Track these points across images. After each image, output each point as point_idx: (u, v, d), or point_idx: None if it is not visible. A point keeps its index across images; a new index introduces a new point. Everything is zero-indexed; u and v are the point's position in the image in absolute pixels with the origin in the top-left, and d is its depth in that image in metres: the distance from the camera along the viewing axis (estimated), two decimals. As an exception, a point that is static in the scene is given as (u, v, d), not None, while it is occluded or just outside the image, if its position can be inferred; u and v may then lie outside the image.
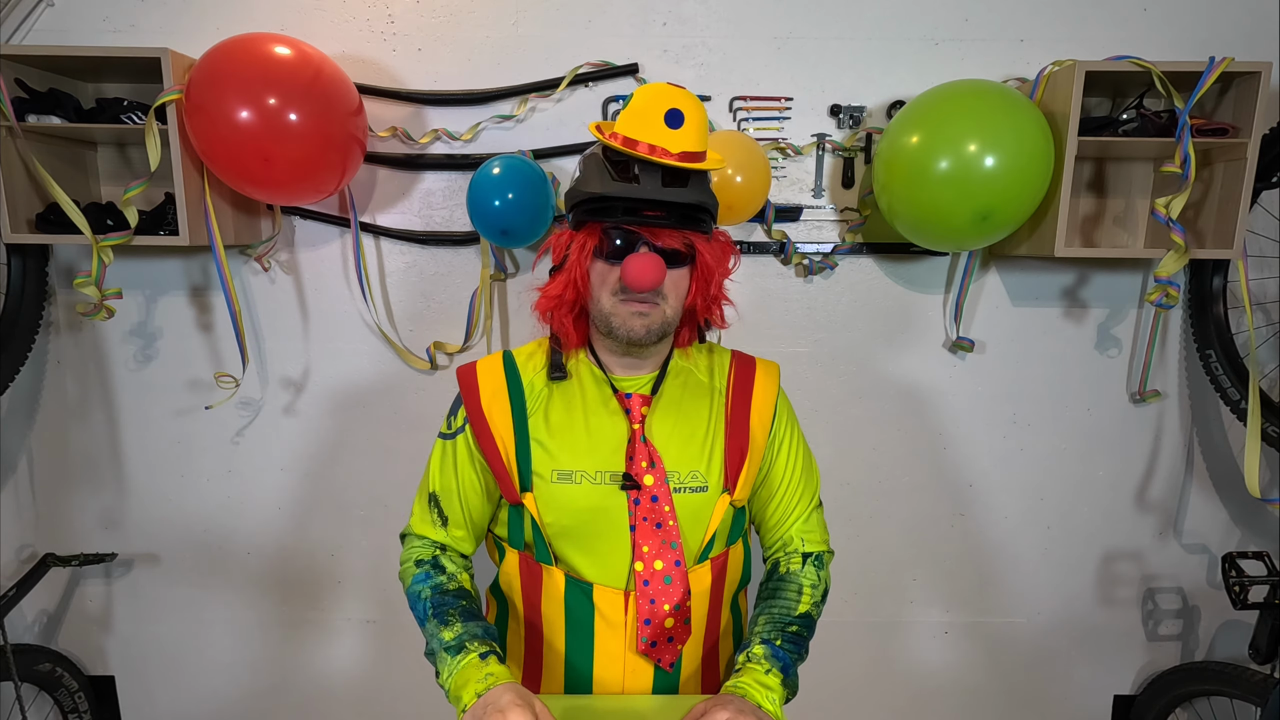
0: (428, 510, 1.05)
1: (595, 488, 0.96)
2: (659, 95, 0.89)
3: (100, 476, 1.73)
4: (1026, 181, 1.36)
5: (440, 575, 1.00)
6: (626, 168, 0.91)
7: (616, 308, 0.94)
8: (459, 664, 0.89)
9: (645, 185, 0.89)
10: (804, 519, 1.06)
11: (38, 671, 1.69)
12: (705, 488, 0.99)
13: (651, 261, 0.88)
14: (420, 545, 1.04)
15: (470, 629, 0.93)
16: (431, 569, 1.00)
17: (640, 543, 0.96)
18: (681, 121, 0.88)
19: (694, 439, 1.00)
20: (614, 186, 0.90)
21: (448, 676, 0.90)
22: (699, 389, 1.03)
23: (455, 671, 0.89)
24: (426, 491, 1.05)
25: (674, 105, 0.88)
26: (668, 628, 0.98)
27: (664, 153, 0.88)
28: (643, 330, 0.94)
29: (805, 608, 1.00)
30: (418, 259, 1.66)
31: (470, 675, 0.87)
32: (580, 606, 0.99)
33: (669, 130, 0.88)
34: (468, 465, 1.02)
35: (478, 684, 0.85)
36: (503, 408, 0.99)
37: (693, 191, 0.90)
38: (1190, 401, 1.72)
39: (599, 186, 0.90)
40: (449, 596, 0.97)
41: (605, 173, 0.91)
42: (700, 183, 0.93)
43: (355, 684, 1.83)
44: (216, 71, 1.32)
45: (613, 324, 0.94)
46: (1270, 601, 1.57)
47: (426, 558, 1.02)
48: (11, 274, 1.54)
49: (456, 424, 1.02)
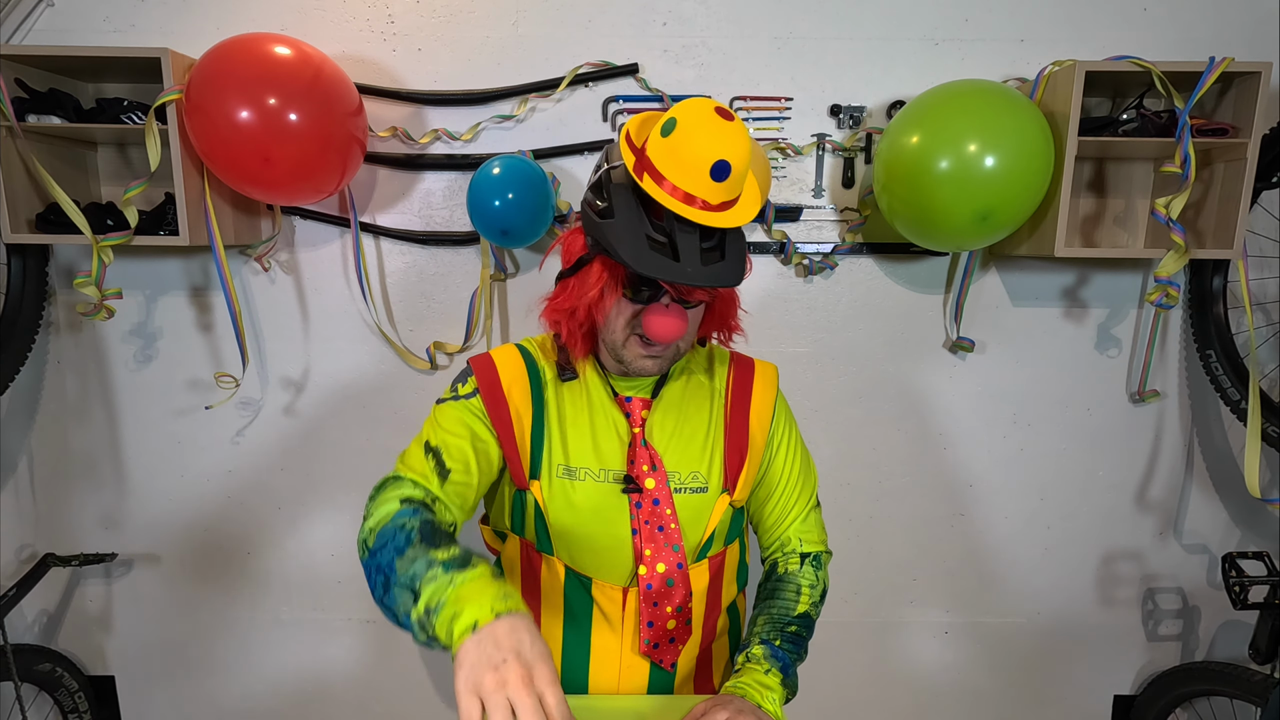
0: (425, 459, 0.90)
1: (598, 486, 0.96)
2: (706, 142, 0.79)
3: (100, 476, 1.73)
4: (1026, 181, 1.36)
5: (429, 514, 0.82)
6: (661, 215, 0.83)
7: (630, 345, 0.92)
8: (466, 576, 0.68)
9: (685, 259, 0.82)
10: (802, 519, 1.06)
11: (38, 671, 1.69)
12: (705, 488, 0.99)
13: (675, 318, 0.86)
14: (410, 488, 0.86)
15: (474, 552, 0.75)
16: (422, 508, 0.83)
17: (642, 547, 0.96)
18: (728, 173, 0.80)
19: (694, 440, 0.99)
20: (651, 261, 0.81)
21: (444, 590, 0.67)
22: (699, 389, 1.03)
23: (460, 583, 0.68)
24: (424, 443, 0.92)
25: (722, 156, 0.79)
26: (670, 629, 0.98)
27: (703, 204, 0.82)
28: (654, 369, 0.94)
29: (804, 608, 1.00)
30: (418, 259, 1.66)
31: (484, 589, 0.67)
32: (579, 600, 0.99)
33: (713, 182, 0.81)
34: (477, 425, 0.94)
35: (495, 600, 0.65)
36: (524, 390, 0.97)
37: (730, 268, 0.84)
38: (1190, 401, 1.72)
39: (632, 250, 0.81)
40: (443, 532, 0.78)
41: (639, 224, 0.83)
42: (737, 245, 0.86)
43: (355, 684, 1.83)
44: (216, 71, 1.32)
45: (624, 356, 0.93)
46: (1270, 601, 1.57)
47: (417, 497, 0.85)
48: (11, 274, 1.54)
49: (465, 390, 0.96)
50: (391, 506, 0.83)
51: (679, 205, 0.81)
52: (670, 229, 0.82)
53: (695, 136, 0.80)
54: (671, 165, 0.81)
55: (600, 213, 0.86)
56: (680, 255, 0.82)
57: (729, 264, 0.85)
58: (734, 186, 0.83)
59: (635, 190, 0.84)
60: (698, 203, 0.82)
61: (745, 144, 0.81)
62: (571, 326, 0.93)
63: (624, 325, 0.91)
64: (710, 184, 0.81)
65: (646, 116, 0.90)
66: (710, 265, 0.83)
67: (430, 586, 0.68)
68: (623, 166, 0.86)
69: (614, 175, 0.86)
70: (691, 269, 0.82)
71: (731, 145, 0.80)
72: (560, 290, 0.94)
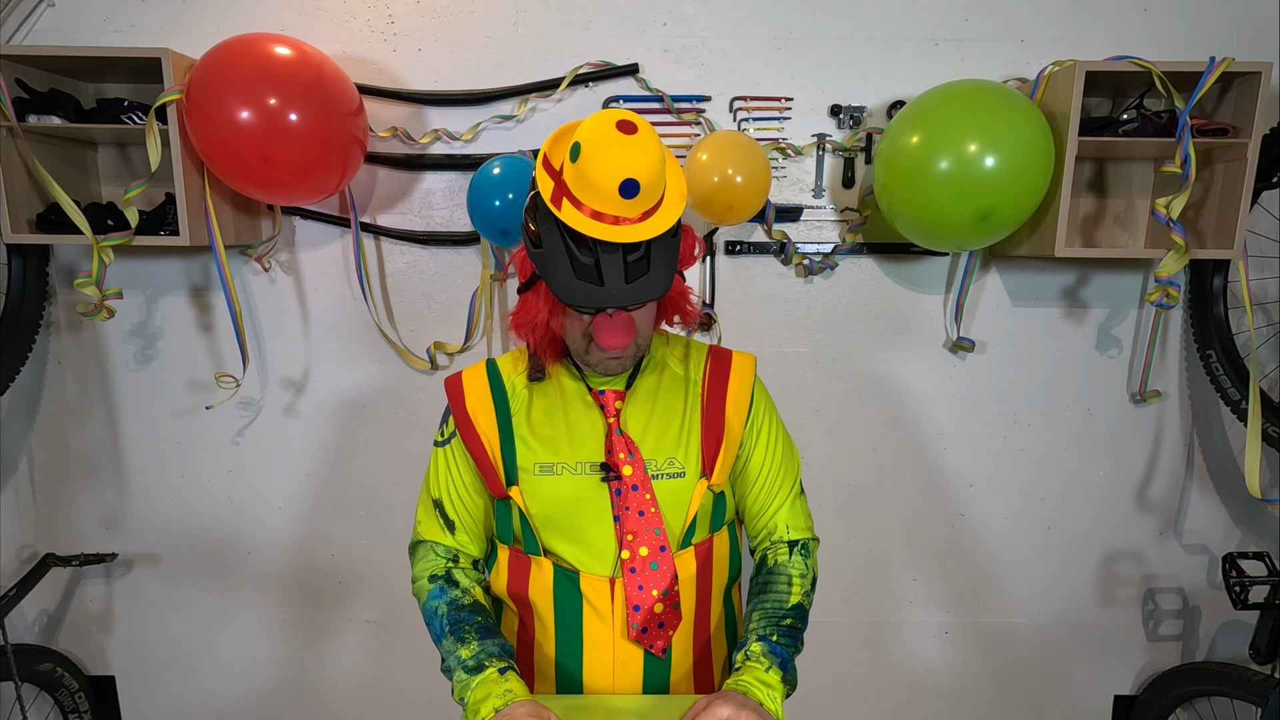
0: (434, 517, 1.06)
1: (576, 478, 0.99)
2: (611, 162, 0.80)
3: (100, 476, 1.73)
4: (1027, 181, 1.36)
5: (454, 590, 1.01)
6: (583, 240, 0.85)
7: (592, 351, 0.96)
8: (478, 680, 0.91)
9: (610, 282, 0.85)
10: (788, 505, 1.07)
11: (38, 671, 1.69)
12: (683, 474, 1.00)
13: (622, 325, 0.89)
14: (432, 559, 1.05)
15: (487, 647, 0.95)
16: (445, 584, 1.02)
17: (625, 531, 0.98)
18: (637, 190, 0.81)
19: (670, 427, 1.02)
20: (578, 291, 0.86)
21: (466, 691, 0.91)
22: (674, 380, 1.05)
23: (474, 687, 0.90)
24: (429, 499, 1.07)
25: (628, 175, 0.80)
26: (657, 613, 0.99)
27: (624, 220, 0.83)
28: (619, 368, 0.98)
29: (797, 599, 1.01)
30: (418, 259, 1.66)
31: (490, 690, 0.89)
32: (569, 597, 1.01)
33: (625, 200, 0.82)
34: (463, 468, 1.04)
35: (496, 699, 0.87)
36: (487, 408, 1.02)
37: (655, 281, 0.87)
38: (1190, 401, 1.72)
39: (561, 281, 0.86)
40: (464, 612, 0.99)
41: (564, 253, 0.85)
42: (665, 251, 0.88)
43: (356, 683, 1.83)
44: (217, 72, 1.32)
45: (589, 361, 0.98)
46: (1270, 602, 1.57)
47: (440, 572, 1.03)
48: (12, 274, 1.54)
49: (448, 431, 1.05)
50: (423, 585, 1.03)
51: (597, 228, 0.83)
52: (595, 252, 0.85)
53: (600, 158, 0.81)
54: (583, 189, 0.83)
55: (533, 240, 0.89)
56: (605, 278, 0.85)
57: (653, 277, 0.87)
58: (649, 197, 0.84)
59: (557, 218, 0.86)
60: (619, 220, 0.83)
61: (651, 154, 0.82)
62: (536, 338, 0.98)
63: (581, 334, 0.95)
64: (623, 201, 0.82)
65: (560, 133, 0.91)
66: (636, 280, 0.86)
67: (457, 685, 0.93)
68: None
69: (539, 201, 0.88)
70: (616, 291, 0.85)
71: (636, 160, 0.81)
72: (520, 305, 0.97)
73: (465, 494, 1.04)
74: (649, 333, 0.98)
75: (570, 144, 0.84)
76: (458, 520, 1.05)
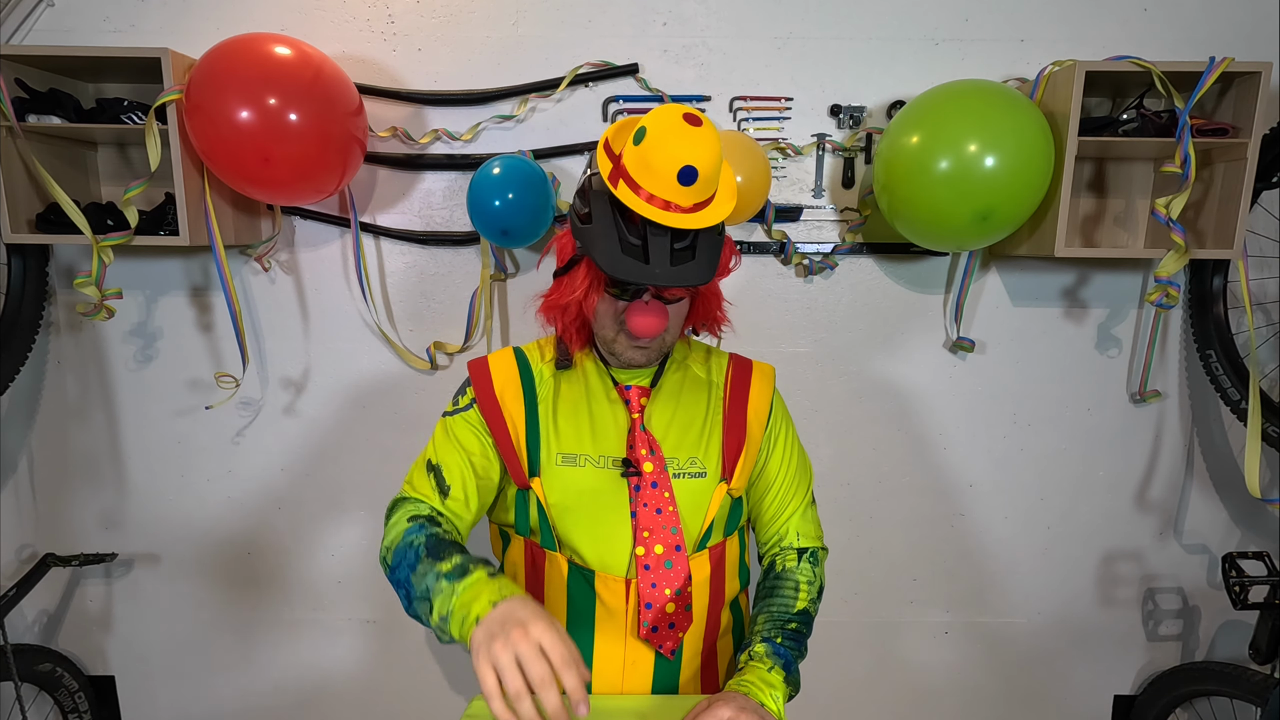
0: (427, 478, 1.00)
1: (597, 471, 0.99)
2: (674, 149, 0.83)
3: (100, 476, 1.73)
4: (1026, 181, 1.36)
5: (436, 528, 0.92)
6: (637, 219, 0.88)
7: (619, 338, 0.97)
8: (465, 584, 0.79)
9: (655, 261, 0.86)
10: (799, 514, 1.08)
11: (38, 671, 1.69)
12: (704, 474, 1.01)
13: (655, 314, 0.91)
14: (414, 508, 0.97)
15: (471, 557, 0.85)
16: (427, 522, 0.93)
17: (641, 528, 0.98)
18: (695, 178, 0.84)
19: (692, 427, 1.02)
20: (623, 265, 0.87)
21: (450, 600, 0.78)
22: (696, 383, 1.06)
23: (461, 590, 0.78)
24: (425, 461, 1.02)
25: (688, 162, 0.83)
26: (669, 613, 0.99)
27: (676, 207, 0.85)
28: (643, 360, 0.99)
29: (803, 604, 1.01)
30: (418, 259, 1.66)
31: (481, 590, 0.78)
32: (582, 594, 1.01)
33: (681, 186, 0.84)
34: (473, 440, 1.00)
35: (492, 595, 0.76)
36: (515, 393, 1.01)
37: (699, 268, 0.88)
38: (1190, 401, 1.72)
39: (607, 254, 0.87)
40: (445, 542, 0.88)
41: (613, 229, 0.87)
42: (710, 245, 0.90)
43: (355, 684, 1.83)
44: (216, 71, 1.32)
45: (615, 349, 0.98)
46: (1270, 601, 1.57)
47: (423, 513, 0.95)
48: (11, 274, 1.54)
49: (464, 402, 1.03)
50: (402, 526, 0.93)
51: (650, 210, 0.85)
52: (644, 232, 0.87)
53: (663, 143, 0.83)
54: (643, 172, 0.85)
55: (582, 218, 0.91)
56: (651, 258, 0.87)
57: (698, 264, 0.89)
58: (704, 189, 0.86)
59: (612, 196, 0.88)
60: (670, 206, 0.86)
61: (713, 148, 0.85)
62: (565, 321, 0.99)
63: (611, 321, 0.96)
64: (679, 188, 0.84)
65: (625, 123, 0.94)
66: (680, 265, 0.88)
67: (439, 599, 0.80)
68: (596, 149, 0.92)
69: (594, 182, 0.91)
70: (660, 270, 0.87)
71: (699, 150, 0.84)
72: (554, 288, 0.98)
73: (466, 465, 0.99)
74: (676, 331, 0.99)
75: (635, 130, 0.87)
76: (453, 487, 0.98)
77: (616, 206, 0.88)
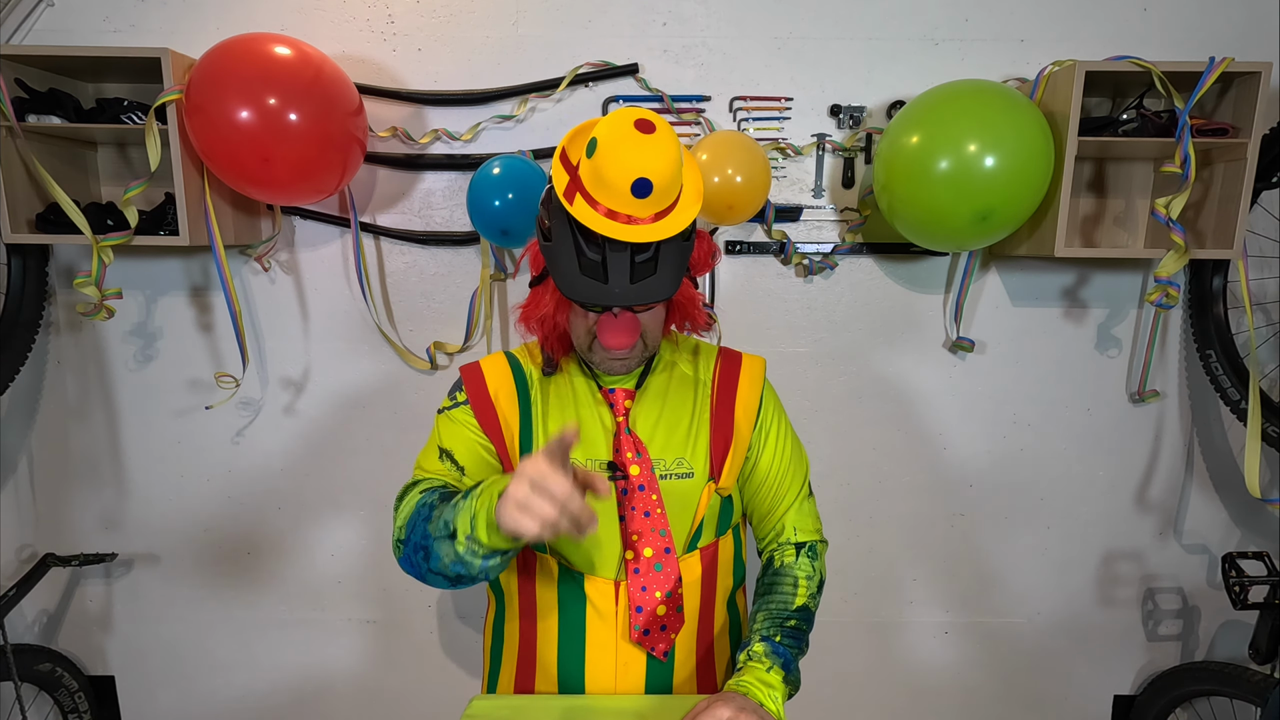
0: (440, 462, 0.98)
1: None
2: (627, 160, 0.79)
3: (100, 476, 1.73)
4: (1026, 181, 1.36)
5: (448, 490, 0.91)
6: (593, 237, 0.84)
7: (596, 349, 0.95)
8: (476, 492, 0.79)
9: (614, 281, 0.84)
10: (795, 508, 1.06)
11: (38, 671, 1.69)
12: (691, 474, 1.00)
13: (626, 325, 0.88)
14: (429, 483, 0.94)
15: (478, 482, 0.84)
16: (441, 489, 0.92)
17: (630, 531, 0.98)
18: (650, 190, 0.80)
19: (679, 428, 1.01)
20: (580, 286, 0.85)
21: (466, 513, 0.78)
22: (683, 381, 1.05)
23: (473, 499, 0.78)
24: (435, 448, 1.00)
25: (641, 174, 0.79)
26: (660, 615, 0.99)
27: (635, 220, 0.82)
28: (623, 369, 0.97)
29: (802, 600, 1.00)
30: (418, 259, 1.66)
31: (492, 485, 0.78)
32: (572, 597, 1.00)
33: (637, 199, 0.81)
34: (475, 432, 1.00)
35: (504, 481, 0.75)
36: (509, 393, 1.01)
37: (661, 282, 0.86)
38: (1190, 401, 1.72)
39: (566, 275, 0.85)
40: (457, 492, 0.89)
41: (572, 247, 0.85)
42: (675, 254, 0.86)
43: (355, 684, 1.83)
44: (217, 71, 1.32)
45: (592, 359, 0.97)
46: (1270, 601, 1.57)
47: (436, 485, 0.93)
48: (11, 274, 1.54)
49: (460, 398, 1.01)
50: (413, 499, 0.91)
51: (607, 225, 0.82)
52: (603, 249, 0.84)
53: (615, 155, 0.79)
54: (597, 186, 0.82)
55: (544, 234, 0.89)
56: (610, 276, 0.84)
57: (659, 279, 0.86)
58: (662, 198, 0.83)
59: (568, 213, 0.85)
60: (630, 219, 0.82)
61: (668, 155, 0.81)
62: (544, 332, 0.97)
63: (585, 332, 0.94)
64: (635, 201, 0.81)
65: (580, 129, 0.90)
66: (641, 281, 0.85)
67: (460, 518, 0.79)
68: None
69: (554, 194, 0.87)
70: (620, 290, 0.84)
71: (652, 160, 0.79)
72: (530, 298, 0.97)
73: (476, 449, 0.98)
74: (657, 334, 0.97)
75: (588, 141, 0.83)
76: (467, 466, 0.97)
77: (573, 223, 0.85)
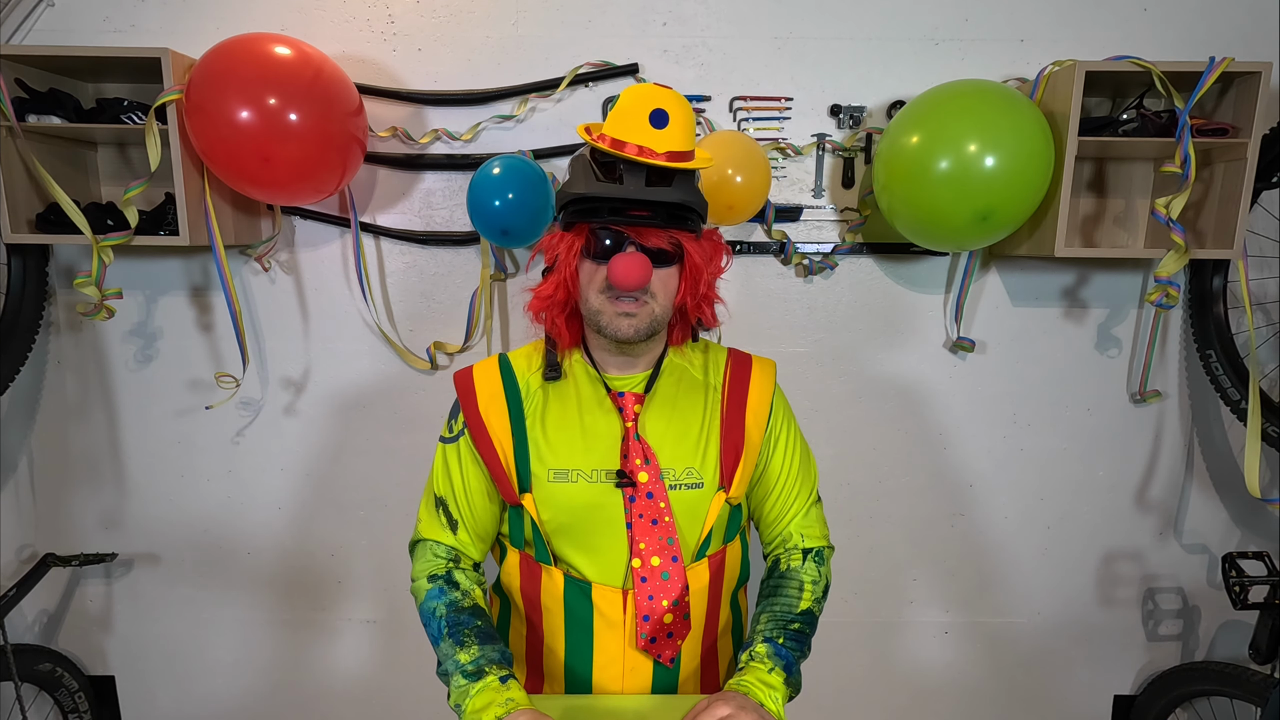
0: (435, 515, 1.03)
1: (591, 486, 0.97)
2: (644, 96, 0.90)
3: (100, 476, 1.73)
4: (1026, 181, 1.36)
5: (454, 592, 0.98)
6: (612, 169, 0.91)
7: (604, 306, 0.94)
8: (477, 687, 0.89)
9: (629, 185, 0.89)
10: (803, 514, 1.06)
11: (38, 671, 1.69)
12: (701, 484, 0.99)
13: (637, 261, 0.89)
14: (431, 559, 1.02)
15: (487, 653, 0.92)
16: (445, 585, 0.99)
17: (637, 540, 0.97)
18: (666, 121, 0.88)
19: (688, 436, 1.00)
20: (598, 187, 0.90)
21: (465, 698, 0.89)
22: (693, 386, 1.03)
23: (474, 694, 0.88)
24: (432, 495, 1.04)
25: (659, 105, 0.88)
26: (667, 623, 0.98)
27: (650, 153, 0.89)
28: (630, 330, 0.94)
29: (807, 604, 1.00)
30: (418, 259, 1.66)
31: (491, 698, 0.87)
32: (580, 605, 1.00)
33: (655, 131, 0.89)
34: (471, 467, 1.01)
35: (498, 708, 0.85)
36: (500, 410, 0.99)
37: (677, 191, 0.90)
38: (1190, 401, 1.72)
39: (584, 187, 0.91)
40: (464, 615, 0.96)
41: (591, 174, 0.92)
42: (686, 183, 0.93)
43: (356, 684, 1.83)
44: (216, 71, 1.32)
45: (600, 322, 0.95)
46: (1270, 601, 1.57)
47: (440, 572, 1.00)
48: (11, 274, 1.54)
49: (457, 428, 1.02)
50: (421, 584, 1.01)
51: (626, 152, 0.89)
52: (619, 172, 0.91)
53: (635, 93, 0.91)
54: (618, 123, 0.91)
55: (564, 184, 0.96)
56: (625, 181, 0.90)
57: (674, 189, 0.90)
58: (677, 137, 0.90)
59: (593, 154, 0.94)
60: (645, 152, 0.89)
61: (683, 104, 0.91)
62: (554, 313, 0.99)
63: (596, 290, 0.94)
64: (653, 132, 0.89)
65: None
66: (655, 187, 0.90)
67: (455, 690, 0.91)
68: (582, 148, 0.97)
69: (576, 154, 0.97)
70: (635, 189, 0.89)
71: (668, 99, 0.90)
72: (543, 282, 0.99)
73: (471, 494, 1.02)
74: (667, 304, 0.96)
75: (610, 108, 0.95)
76: (460, 520, 1.02)
77: (595, 159, 0.93)
